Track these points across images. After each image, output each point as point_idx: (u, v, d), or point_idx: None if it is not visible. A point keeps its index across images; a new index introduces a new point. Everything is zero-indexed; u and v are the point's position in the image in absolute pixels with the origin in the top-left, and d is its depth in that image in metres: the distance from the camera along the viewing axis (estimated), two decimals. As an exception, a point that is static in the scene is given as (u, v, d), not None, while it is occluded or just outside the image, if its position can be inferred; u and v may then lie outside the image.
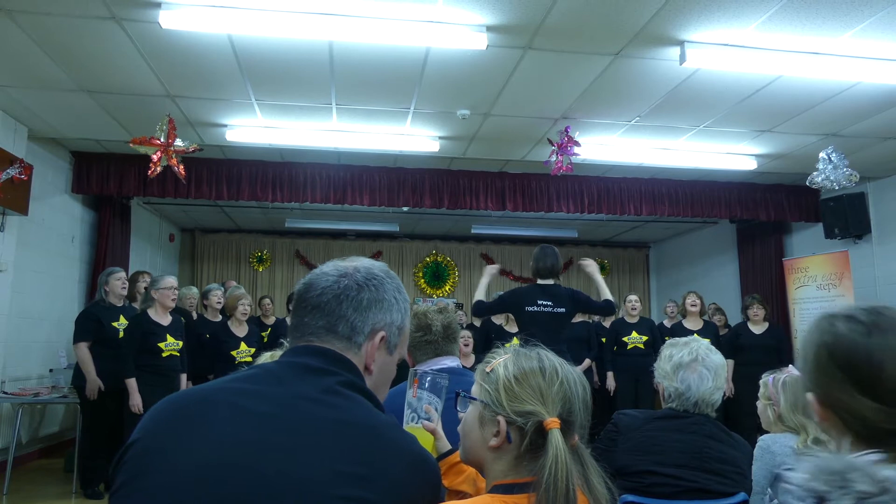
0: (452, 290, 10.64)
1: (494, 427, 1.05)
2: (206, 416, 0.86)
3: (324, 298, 1.01)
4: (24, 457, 5.56)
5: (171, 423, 0.87)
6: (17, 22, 3.67)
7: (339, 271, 1.03)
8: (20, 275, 5.50)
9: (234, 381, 0.93)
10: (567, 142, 5.12)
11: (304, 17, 3.52)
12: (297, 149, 6.01)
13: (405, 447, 0.92)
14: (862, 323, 0.91)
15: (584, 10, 3.51)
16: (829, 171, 4.96)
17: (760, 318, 5.94)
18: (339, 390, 0.93)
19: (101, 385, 4.63)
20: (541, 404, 1.03)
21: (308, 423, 0.87)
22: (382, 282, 1.05)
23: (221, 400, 0.89)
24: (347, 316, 1.00)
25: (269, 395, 0.89)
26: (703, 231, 9.59)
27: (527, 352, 1.13)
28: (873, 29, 3.67)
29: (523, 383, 1.06)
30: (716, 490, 1.79)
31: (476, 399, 1.10)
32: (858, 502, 0.71)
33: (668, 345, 2.01)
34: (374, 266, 1.07)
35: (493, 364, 1.12)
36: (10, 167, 5.01)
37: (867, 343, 0.89)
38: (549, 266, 4.03)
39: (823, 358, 0.92)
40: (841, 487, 0.73)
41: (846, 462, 0.76)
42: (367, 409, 0.93)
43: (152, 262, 8.41)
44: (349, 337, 1.00)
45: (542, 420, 1.02)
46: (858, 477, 0.73)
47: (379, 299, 1.03)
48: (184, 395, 0.93)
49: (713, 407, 1.90)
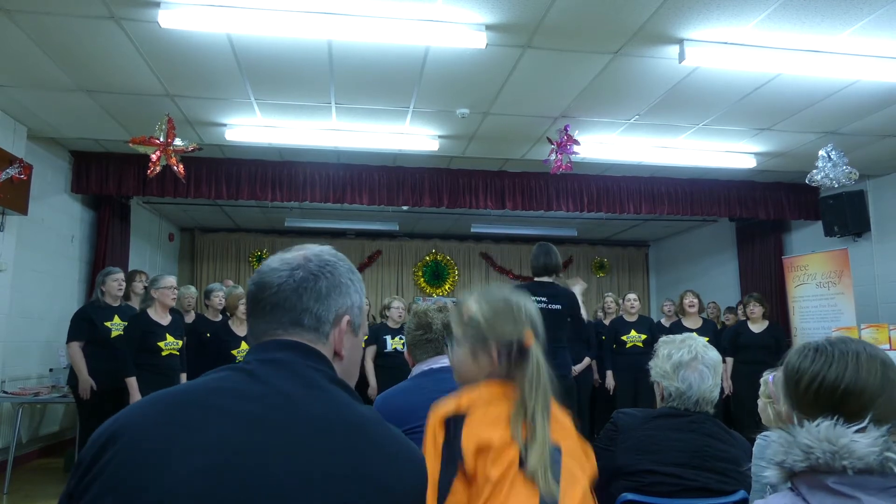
0: (452, 288, 10.64)
1: (486, 357, 1.30)
2: (191, 421, 0.83)
3: (282, 295, 0.98)
4: (24, 456, 5.56)
5: (157, 429, 0.83)
6: (17, 21, 3.66)
7: (290, 264, 1.00)
8: (20, 274, 5.50)
9: (212, 382, 0.90)
10: (566, 140, 5.12)
11: (304, 16, 3.52)
12: (297, 148, 6.01)
13: (391, 443, 0.92)
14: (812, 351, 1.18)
15: (583, 9, 3.50)
16: (828, 169, 4.97)
17: (758, 316, 5.94)
18: (320, 384, 0.92)
19: (94, 385, 4.63)
20: (516, 328, 1.31)
21: (294, 421, 0.85)
22: (336, 266, 1.03)
23: (204, 402, 0.86)
24: (310, 308, 0.98)
25: (251, 394, 0.87)
26: (702, 229, 9.59)
27: (482, 292, 1.37)
28: (872, 27, 3.67)
29: (499, 317, 1.32)
30: (716, 488, 1.79)
31: (469, 343, 1.32)
32: (806, 455, 1.00)
33: (664, 343, 1.99)
34: (323, 251, 1.04)
35: (467, 311, 1.34)
36: (9, 167, 5.01)
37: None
38: (545, 264, 4.03)
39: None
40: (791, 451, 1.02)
41: (793, 430, 1.04)
42: (349, 404, 0.92)
43: (152, 262, 8.42)
44: (316, 328, 0.99)
45: (522, 339, 1.29)
46: (802, 434, 1.01)
47: (336, 284, 1.01)
48: (163, 398, 0.88)
49: (712, 404, 1.91)
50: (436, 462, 1.18)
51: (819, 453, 0.98)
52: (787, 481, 1.05)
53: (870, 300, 6.68)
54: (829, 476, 0.97)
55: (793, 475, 1.03)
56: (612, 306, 6.81)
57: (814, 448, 0.99)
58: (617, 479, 1.83)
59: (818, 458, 0.98)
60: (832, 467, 0.97)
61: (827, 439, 0.99)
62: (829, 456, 0.97)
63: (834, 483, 0.97)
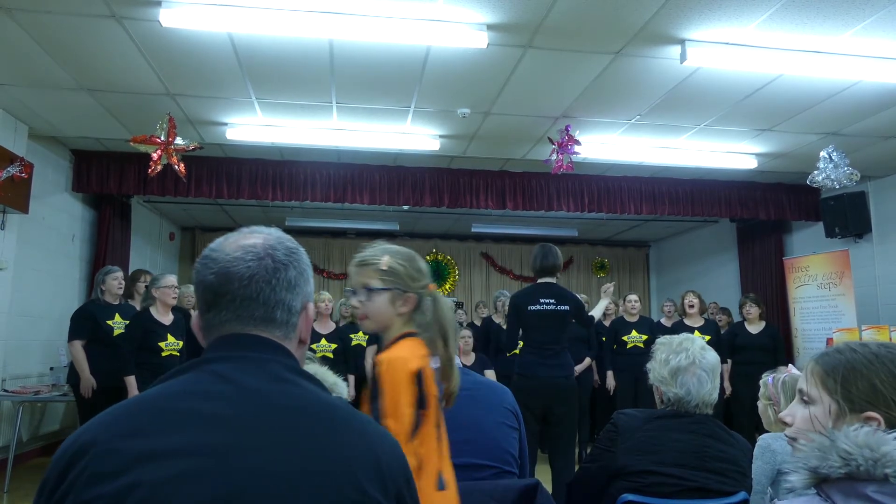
0: (452, 288, 10.63)
1: (402, 301, 1.55)
2: (162, 428, 0.81)
3: (255, 287, 0.93)
4: (25, 455, 5.57)
5: (127, 440, 0.80)
6: (18, 20, 3.66)
7: (254, 253, 0.94)
8: (20, 273, 5.50)
9: (177, 385, 0.87)
10: (567, 140, 5.12)
11: (305, 15, 3.52)
12: (298, 147, 6.01)
13: (363, 426, 0.92)
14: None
15: (585, 9, 3.50)
16: (829, 170, 4.96)
17: (755, 316, 5.93)
18: (287, 377, 0.90)
19: (95, 383, 4.63)
20: (426, 277, 1.59)
21: (265, 417, 0.84)
22: (298, 252, 1.01)
23: (173, 407, 0.84)
24: (283, 299, 0.95)
25: (219, 395, 0.85)
26: (703, 230, 9.59)
27: (386, 247, 1.61)
28: (874, 27, 3.66)
29: (414, 268, 1.58)
30: (716, 489, 1.79)
31: (389, 289, 1.54)
32: (845, 462, 0.95)
33: (661, 345, 1.97)
34: (282, 238, 1.01)
35: (384, 264, 1.56)
36: (10, 165, 5.01)
37: None
38: (547, 265, 4.04)
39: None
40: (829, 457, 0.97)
41: (833, 435, 0.99)
42: (317, 394, 0.91)
43: (152, 261, 8.42)
44: (287, 321, 0.96)
45: (428, 286, 1.59)
46: (842, 439, 0.97)
47: (301, 271, 0.99)
48: (129, 407, 0.86)
49: (711, 406, 1.90)
50: (410, 409, 1.39)
51: (861, 460, 0.94)
52: (812, 486, 1.00)
53: (871, 301, 6.68)
54: (868, 484, 0.93)
55: (822, 481, 0.99)
56: (611, 307, 6.81)
57: (854, 454, 0.94)
58: (617, 480, 1.82)
59: (859, 465, 0.94)
60: (872, 475, 0.93)
61: (867, 446, 0.95)
62: (870, 464, 0.93)
63: (874, 492, 0.93)
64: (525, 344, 4.00)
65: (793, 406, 1.19)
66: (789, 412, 1.19)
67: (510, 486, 1.64)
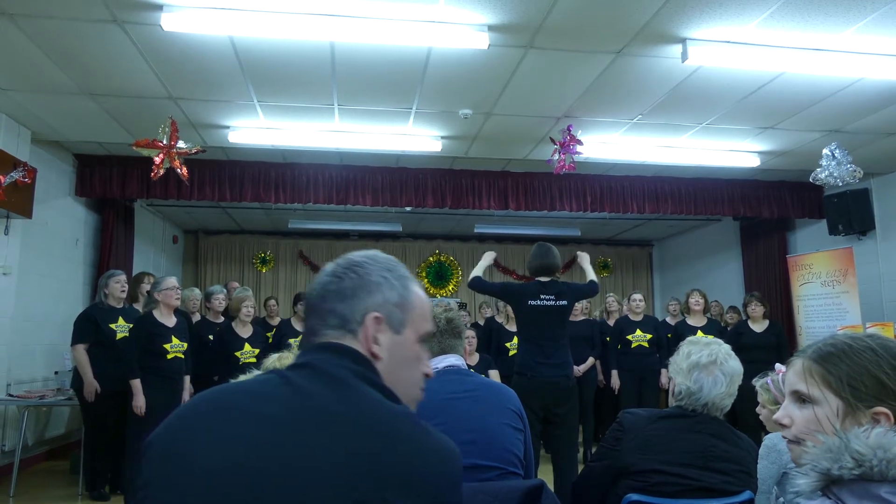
0: (455, 289, 10.64)
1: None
2: (213, 423, 0.87)
3: (313, 299, 1.04)
4: (31, 459, 5.58)
5: (181, 433, 0.88)
6: (20, 26, 3.68)
7: (328, 269, 1.06)
8: (24, 278, 5.51)
9: (246, 384, 0.95)
10: (569, 140, 5.12)
11: (306, 18, 3.52)
12: (300, 150, 6.02)
13: (418, 437, 0.91)
14: None
15: (586, 9, 3.50)
16: (832, 168, 4.95)
17: (759, 315, 5.91)
18: (347, 382, 0.92)
19: (98, 387, 4.63)
20: None
21: (311, 420, 0.86)
22: (363, 265, 1.04)
23: (229, 404, 0.89)
24: (335, 309, 1.00)
25: (274, 396, 0.89)
26: (706, 229, 9.57)
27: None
28: (876, 25, 3.66)
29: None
30: (721, 489, 1.79)
31: None
32: (858, 463, 0.92)
33: (689, 342, 1.97)
34: (358, 254, 1.07)
35: None
36: (13, 170, 5.03)
37: None
38: (548, 264, 4.02)
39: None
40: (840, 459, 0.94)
41: (845, 436, 0.96)
42: (379, 402, 0.92)
43: (156, 264, 8.43)
44: (342, 326, 1.00)
45: None
46: (854, 440, 0.94)
47: (363, 284, 1.02)
48: (196, 402, 0.94)
49: (722, 412, 1.88)
50: None
51: (875, 461, 0.92)
52: (819, 489, 0.97)
53: (875, 298, 6.66)
54: (881, 485, 0.92)
55: (832, 482, 0.96)
56: (614, 306, 6.80)
57: (867, 455, 0.92)
58: (622, 479, 1.82)
59: (873, 466, 0.92)
60: (885, 476, 0.92)
61: (880, 446, 0.93)
62: (884, 464, 0.92)
63: (888, 493, 0.91)
64: (524, 341, 3.98)
65: (787, 407, 1.14)
66: (786, 414, 1.14)
67: (515, 487, 1.64)
